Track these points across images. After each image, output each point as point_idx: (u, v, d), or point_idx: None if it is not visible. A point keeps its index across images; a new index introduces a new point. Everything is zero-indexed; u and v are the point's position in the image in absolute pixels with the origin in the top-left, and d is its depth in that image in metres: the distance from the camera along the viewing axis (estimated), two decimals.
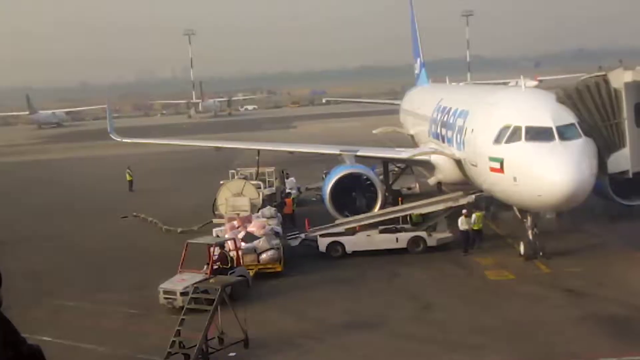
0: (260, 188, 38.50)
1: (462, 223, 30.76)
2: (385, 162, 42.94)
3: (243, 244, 28.95)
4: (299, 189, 45.41)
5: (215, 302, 21.39)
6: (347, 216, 33.55)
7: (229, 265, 26.49)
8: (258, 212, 33.85)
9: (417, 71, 62.90)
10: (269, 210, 33.94)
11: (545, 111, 26.16)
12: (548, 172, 24.11)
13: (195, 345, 20.59)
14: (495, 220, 34.75)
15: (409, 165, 42.87)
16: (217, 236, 30.17)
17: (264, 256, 29.21)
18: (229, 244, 28.06)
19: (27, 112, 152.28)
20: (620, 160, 27.39)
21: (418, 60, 62.68)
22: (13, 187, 62.31)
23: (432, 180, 38.13)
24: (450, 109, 36.34)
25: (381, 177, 40.43)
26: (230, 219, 32.60)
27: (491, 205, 33.90)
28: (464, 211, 30.82)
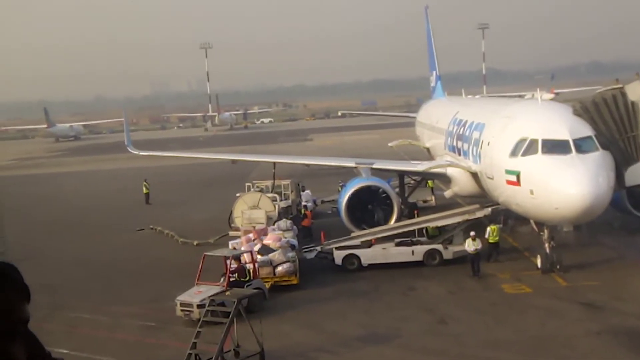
0: (276, 201, 38.60)
1: (468, 245, 29.86)
2: (401, 174, 42.90)
3: (259, 256, 29.01)
4: (314, 202, 45.44)
5: (231, 315, 21.43)
6: (363, 229, 33.52)
7: (247, 277, 26.56)
8: (274, 224, 33.93)
9: (433, 84, 62.88)
10: (284, 222, 34.00)
11: (562, 124, 26.08)
12: (565, 185, 24.01)
13: (212, 358, 20.60)
14: (513, 234, 34.57)
15: (424, 178, 42.81)
16: (234, 249, 30.23)
17: (279, 269, 29.24)
18: (245, 257, 28.14)
19: (44, 126, 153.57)
20: (638, 173, 27.22)
21: (434, 73, 62.68)
22: (31, 199, 62.74)
23: (448, 193, 38.04)
24: (466, 121, 36.29)
25: (397, 189, 40.39)
26: (246, 232, 32.69)
27: (509, 218, 33.78)
28: (472, 233, 30.04)
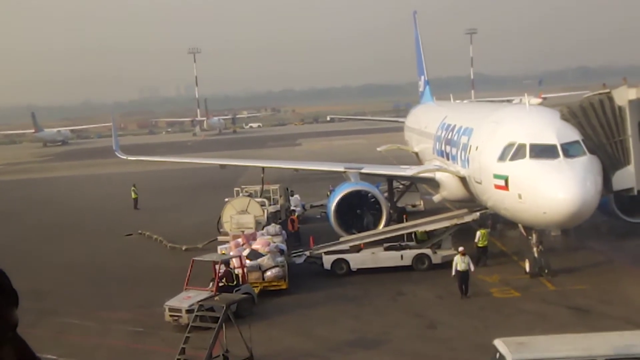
0: (264, 205, 38.57)
1: (457, 263, 27.44)
2: (390, 179, 42.99)
3: (248, 261, 28.98)
4: (303, 207, 45.44)
5: (220, 320, 21.38)
6: (353, 233, 33.55)
7: (235, 282, 26.52)
8: (263, 229, 33.90)
9: (421, 89, 63.04)
10: (273, 227, 33.98)
11: (550, 128, 26.20)
12: (553, 190, 24.12)
13: None
14: (501, 238, 34.68)
15: (413, 183, 42.91)
16: (223, 253, 30.19)
17: (268, 274, 29.21)
18: (234, 262, 28.10)
19: (32, 131, 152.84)
20: (625, 178, 27.36)
21: (422, 78, 62.82)
22: (19, 204, 62.43)
23: (437, 198, 38.12)
24: (455, 126, 36.43)
25: (386, 194, 40.44)
26: (235, 237, 32.65)
27: (498, 222, 33.88)
28: (460, 249, 28.18)
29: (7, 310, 2.80)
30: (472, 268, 27.67)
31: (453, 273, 27.40)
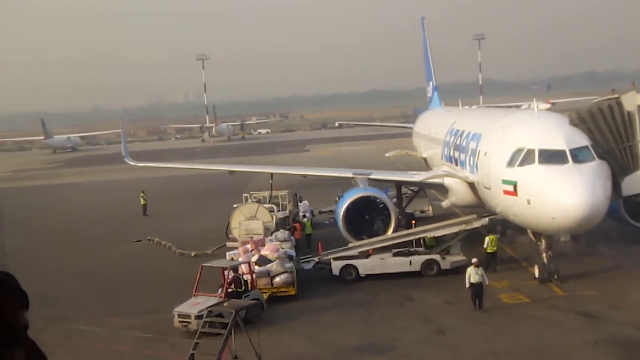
0: (273, 211, 38.59)
1: (471, 275, 26.61)
2: (398, 185, 42.97)
3: (256, 267, 29.01)
4: (312, 212, 45.43)
5: (229, 326, 21.42)
6: (361, 239, 33.53)
7: (243, 288, 26.54)
8: (271, 235, 33.94)
9: (429, 94, 63.04)
10: (282, 233, 34.02)
11: (559, 134, 26.16)
12: (562, 195, 24.06)
13: None
14: (510, 243, 34.58)
15: (422, 188, 42.87)
16: (231, 259, 30.21)
17: (277, 279, 29.23)
18: (243, 268, 28.13)
19: (42, 137, 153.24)
20: (634, 183, 27.28)
21: (431, 83, 62.83)
22: (29, 211, 62.59)
23: (445, 204, 38.06)
24: (463, 131, 36.39)
25: (394, 200, 40.41)
26: (244, 243, 32.68)
27: (507, 228, 33.80)
28: (474, 260, 27.14)
29: (17, 312, 2.83)
30: (487, 281, 26.95)
31: (467, 285, 26.76)
